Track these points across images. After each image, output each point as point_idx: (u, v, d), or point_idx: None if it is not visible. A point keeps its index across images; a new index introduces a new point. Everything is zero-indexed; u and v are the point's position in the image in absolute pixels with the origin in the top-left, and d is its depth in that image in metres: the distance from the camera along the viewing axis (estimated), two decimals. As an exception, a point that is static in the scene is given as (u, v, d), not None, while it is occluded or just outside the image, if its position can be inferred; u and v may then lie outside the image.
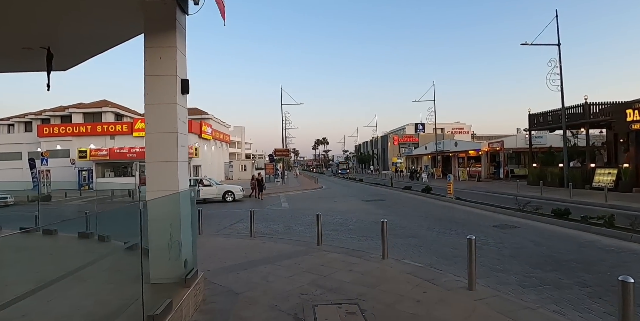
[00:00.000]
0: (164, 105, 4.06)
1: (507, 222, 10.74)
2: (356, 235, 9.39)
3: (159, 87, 4.05)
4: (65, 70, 6.86)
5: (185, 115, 4.35)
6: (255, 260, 6.58)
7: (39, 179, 29.83)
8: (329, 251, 7.13)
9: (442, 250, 7.55)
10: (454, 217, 12.06)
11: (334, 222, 11.29)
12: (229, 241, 8.47)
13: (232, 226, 11.55)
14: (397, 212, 13.67)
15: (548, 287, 5.27)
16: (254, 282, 5.23)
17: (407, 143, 65.39)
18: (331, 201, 18.90)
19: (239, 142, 70.71)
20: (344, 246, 7.85)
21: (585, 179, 19.74)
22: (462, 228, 9.97)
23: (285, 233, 9.90)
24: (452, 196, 17.01)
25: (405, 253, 7.34)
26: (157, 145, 4.02)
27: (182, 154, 4.19)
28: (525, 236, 8.81)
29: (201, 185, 19.69)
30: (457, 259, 6.82)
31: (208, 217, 13.82)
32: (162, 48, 4.06)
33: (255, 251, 7.28)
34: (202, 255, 7.11)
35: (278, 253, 7.03)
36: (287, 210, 15.28)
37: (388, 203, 17.12)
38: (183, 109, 4.28)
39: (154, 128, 4.05)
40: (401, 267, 5.96)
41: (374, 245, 8.13)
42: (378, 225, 11.30)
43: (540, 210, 11.37)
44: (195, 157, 36.43)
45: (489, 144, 32.27)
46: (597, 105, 20.37)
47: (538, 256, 6.96)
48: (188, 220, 4.25)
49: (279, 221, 12.28)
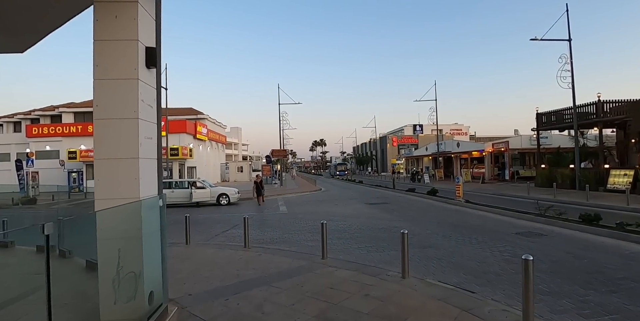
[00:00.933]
0: (119, 81, 2.96)
1: (530, 229, 9.68)
2: (364, 245, 8.29)
3: (113, 56, 2.97)
4: (22, 52, 5.75)
5: (152, 97, 3.25)
6: (249, 279, 5.46)
7: (25, 181, 28.61)
8: (336, 267, 6.02)
9: (468, 265, 6.46)
10: (468, 223, 10.99)
11: (338, 229, 10.19)
12: (219, 253, 7.35)
13: (225, 233, 10.42)
14: (405, 217, 12.58)
15: (616, 317, 4.19)
16: (246, 314, 4.11)
17: (406, 144, 64.45)
18: (332, 204, 17.79)
19: (235, 143, 69.46)
20: (353, 260, 6.74)
21: (599, 181, 18.73)
22: (482, 236, 8.90)
23: (284, 242, 8.80)
24: (461, 199, 15.95)
25: (426, 269, 6.24)
26: (109, 135, 2.94)
27: (147, 149, 3.10)
28: (557, 246, 7.75)
29: (194, 188, 18.54)
30: (489, 276, 5.74)
31: (199, 222, 12.68)
32: (119, 2, 2.96)
33: (249, 267, 6.16)
34: (186, 271, 6.00)
35: (276, 270, 5.91)
36: (285, 215, 14.16)
37: (393, 206, 16.03)
38: (148, 88, 3.18)
39: (105, 113, 2.95)
40: (428, 290, 4.86)
41: (386, 258, 7.04)
42: (386, 232, 10.31)
43: (564, 215, 10.33)
44: (190, 158, 35.27)
45: (493, 145, 31.29)
46: (611, 103, 19.40)
47: (583, 272, 5.89)
48: (155, 239, 3.15)
49: (277, 227, 11.16)
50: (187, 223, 8.52)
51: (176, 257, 7.08)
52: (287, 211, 15.45)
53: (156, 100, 3.34)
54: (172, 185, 19.04)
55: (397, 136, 67.21)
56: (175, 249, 7.78)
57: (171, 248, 7.96)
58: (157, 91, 3.42)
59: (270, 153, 38.17)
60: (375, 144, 75.96)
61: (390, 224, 11.04)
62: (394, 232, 9.73)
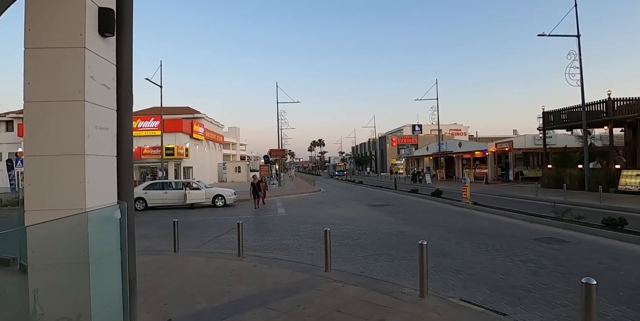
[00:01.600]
0: (58, 51, 2.19)
1: (548, 234, 8.93)
2: (370, 252, 7.53)
3: (50, 17, 2.20)
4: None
5: (110, 75, 2.47)
6: (242, 298, 4.68)
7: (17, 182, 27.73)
8: (342, 281, 5.25)
9: (491, 278, 5.70)
10: (480, 227, 10.24)
11: (340, 233, 9.41)
12: (210, 263, 6.56)
13: (218, 238, 9.64)
14: (411, 220, 11.82)
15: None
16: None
17: (405, 144, 63.72)
18: (332, 206, 17.02)
19: (233, 143, 68.54)
20: (361, 272, 5.98)
21: (610, 182, 18.01)
22: (498, 243, 8.15)
23: (282, 249, 8.03)
24: (468, 201, 15.19)
25: (444, 283, 5.48)
26: (44, 124, 2.17)
27: (100, 142, 2.33)
28: (584, 255, 7.00)
29: (188, 189, 17.73)
30: (518, 293, 4.98)
31: (192, 226, 11.90)
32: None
33: (243, 282, 5.38)
34: (169, 287, 5.21)
35: (273, 286, 5.14)
36: (283, 218, 13.38)
37: (397, 208, 15.27)
38: (102, 62, 2.40)
39: (38, 94, 2.18)
40: (453, 313, 4.09)
41: (397, 269, 6.28)
42: (393, 237, 9.53)
43: (583, 219, 9.60)
44: (186, 157, 34.46)
45: (497, 144, 30.56)
46: (622, 101, 18.69)
47: (625, 287, 5.14)
48: (112, 263, 2.37)
49: (274, 232, 10.39)
50: (176, 229, 7.74)
51: (161, 268, 6.31)
52: (286, 213, 14.68)
53: (119, 80, 2.55)
54: (165, 186, 18.23)
55: (397, 136, 66.45)
56: (161, 258, 7.00)
57: (157, 257, 7.19)
58: (123, 70, 2.63)
59: (269, 153, 37.36)
60: (374, 144, 75.21)
61: (396, 228, 10.28)
62: (402, 238, 8.98)
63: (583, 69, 19.26)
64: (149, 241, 9.53)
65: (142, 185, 18.53)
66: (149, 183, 19.27)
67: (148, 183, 18.92)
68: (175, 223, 7.80)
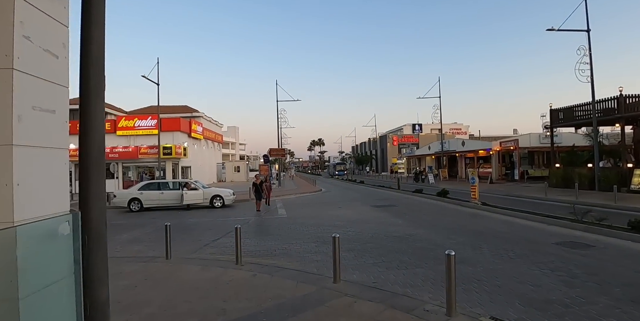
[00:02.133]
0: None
1: (570, 238, 8.31)
2: (381, 259, 6.90)
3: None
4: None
5: (59, 39, 1.82)
6: (239, 318, 4.04)
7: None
8: (354, 296, 4.61)
9: (520, 290, 5.07)
10: (494, 230, 9.62)
11: (347, 237, 8.74)
12: (204, 272, 5.92)
13: (215, 242, 9.01)
14: (420, 222, 11.18)
15: None
16: None
17: (406, 143, 63.00)
18: (335, 207, 16.38)
19: (232, 142, 67.85)
20: (373, 283, 5.34)
21: (622, 181, 17.39)
22: (518, 247, 7.53)
23: (284, 255, 7.40)
24: (477, 201, 14.57)
25: (468, 296, 4.85)
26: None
27: (40, 129, 1.69)
28: (615, 261, 6.38)
29: (185, 189, 17.07)
30: (555, 309, 4.35)
31: (187, 228, 11.26)
32: None
33: (241, 296, 4.74)
34: (156, 303, 4.57)
35: (275, 302, 4.50)
36: (284, 220, 12.74)
37: (402, 209, 14.64)
38: (45, 19, 1.75)
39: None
40: (489, 337, 3.45)
41: (413, 278, 5.65)
42: (403, 241, 8.84)
43: (605, 221, 8.97)
44: (184, 157, 33.76)
45: (501, 143, 29.93)
46: (634, 97, 18.07)
47: (676, 302, 4.51)
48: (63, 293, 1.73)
49: (276, 235, 9.75)
50: (168, 233, 7.09)
51: (149, 279, 5.67)
52: (287, 215, 14.04)
53: (86, 55, 1.88)
54: (161, 186, 17.58)
55: (398, 135, 65.77)
56: (150, 267, 6.35)
57: (146, 265, 6.55)
58: (92, 42, 1.97)
59: (268, 152, 36.69)
60: (374, 143, 74.57)
61: (405, 231, 9.65)
62: (412, 242, 8.35)
63: (593, 65, 18.65)
64: (141, 245, 8.90)
65: (138, 185, 17.90)
66: (145, 183, 18.61)
67: (144, 183, 18.27)
68: (168, 227, 7.15)
